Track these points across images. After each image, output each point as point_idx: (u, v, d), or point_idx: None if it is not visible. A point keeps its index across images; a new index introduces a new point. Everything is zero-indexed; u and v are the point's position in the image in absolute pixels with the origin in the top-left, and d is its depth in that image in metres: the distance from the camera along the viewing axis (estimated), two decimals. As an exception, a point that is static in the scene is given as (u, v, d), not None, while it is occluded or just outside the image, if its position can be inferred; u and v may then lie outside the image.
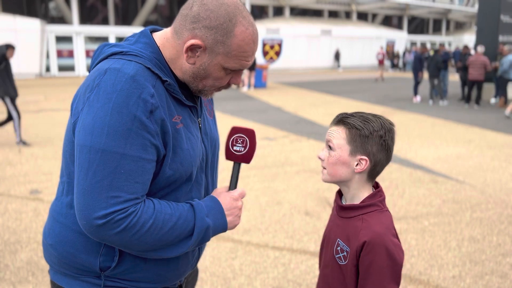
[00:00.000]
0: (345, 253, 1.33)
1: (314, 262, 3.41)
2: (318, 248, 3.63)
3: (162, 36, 1.26)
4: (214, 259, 3.45)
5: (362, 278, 1.28)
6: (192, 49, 1.19)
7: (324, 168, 1.38)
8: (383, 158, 1.34)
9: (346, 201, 1.41)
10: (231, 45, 1.18)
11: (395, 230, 1.33)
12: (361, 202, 1.35)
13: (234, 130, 1.35)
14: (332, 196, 4.88)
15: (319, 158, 1.38)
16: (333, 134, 1.36)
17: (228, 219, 1.29)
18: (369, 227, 1.29)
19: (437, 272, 3.28)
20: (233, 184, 1.37)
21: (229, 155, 1.35)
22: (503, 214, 4.42)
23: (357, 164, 1.33)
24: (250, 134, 1.34)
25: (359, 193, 1.37)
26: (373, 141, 1.32)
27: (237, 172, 1.37)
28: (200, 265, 3.37)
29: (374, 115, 1.36)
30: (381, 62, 23.23)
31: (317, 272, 3.25)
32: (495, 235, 3.92)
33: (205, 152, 1.35)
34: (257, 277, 3.20)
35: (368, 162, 1.32)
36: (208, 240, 1.26)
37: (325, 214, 4.38)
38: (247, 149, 1.34)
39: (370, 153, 1.32)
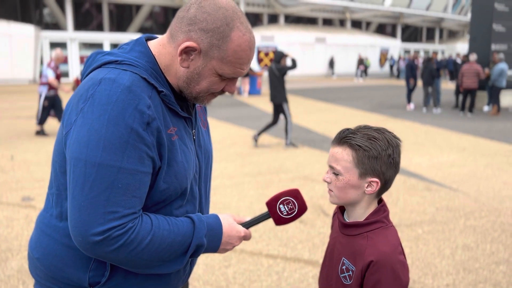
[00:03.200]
0: (350, 273, 1.29)
1: (308, 270, 3.39)
2: (312, 256, 3.62)
3: (158, 43, 1.22)
4: (207, 267, 3.43)
5: None
6: (186, 51, 1.15)
7: (331, 190, 1.32)
8: (392, 174, 1.29)
9: (349, 218, 1.36)
10: (227, 50, 1.14)
11: (401, 246, 1.29)
12: (365, 219, 1.31)
13: (276, 199, 1.35)
14: (326, 204, 4.87)
15: (325, 181, 1.32)
16: (339, 157, 1.28)
17: (221, 246, 1.27)
18: (375, 245, 1.25)
19: (431, 280, 3.28)
20: (249, 224, 1.36)
21: (282, 222, 1.36)
22: (496, 222, 4.43)
23: (367, 186, 1.28)
24: (295, 194, 1.36)
25: (365, 211, 1.32)
26: (382, 161, 1.26)
27: (262, 220, 1.37)
28: (193, 273, 3.34)
29: (378, 131, 1.29)
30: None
31: (311, 280, 3.24)
32: (489, 243, 3.93)
33: (198, 165, 1.31)
34: (250, 285, 3.18)
35: (379, 183, 1.28)
36: (197, 257, 1.24)
37: (319, 221, 4.37)
38: (296, 209, 1.36)
39: (380, 173, 1.27)
